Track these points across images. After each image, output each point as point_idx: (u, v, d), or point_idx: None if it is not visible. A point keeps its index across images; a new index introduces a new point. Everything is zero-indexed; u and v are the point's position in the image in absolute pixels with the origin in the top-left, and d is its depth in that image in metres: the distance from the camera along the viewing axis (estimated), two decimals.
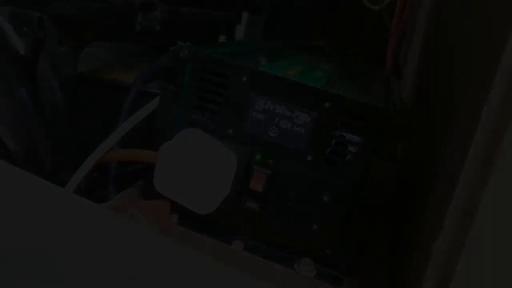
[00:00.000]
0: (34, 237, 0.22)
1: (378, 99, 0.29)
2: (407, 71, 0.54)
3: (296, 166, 0.28)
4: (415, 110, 0.40)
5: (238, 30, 0.60)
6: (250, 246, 0.31)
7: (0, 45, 0.36)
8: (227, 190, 0.29)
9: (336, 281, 0.30)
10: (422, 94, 0.42)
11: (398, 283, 0.30)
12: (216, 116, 0.29)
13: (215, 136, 0.29)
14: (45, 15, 0.37)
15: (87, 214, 0.25)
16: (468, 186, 0.21)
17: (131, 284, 0.21)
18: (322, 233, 0.29)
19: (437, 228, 0.22)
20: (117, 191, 0.35)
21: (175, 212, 0.32)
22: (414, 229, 0.30)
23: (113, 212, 0.30)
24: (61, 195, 0.27)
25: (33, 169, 0.27)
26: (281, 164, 0.29)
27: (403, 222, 0.34)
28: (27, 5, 0.37)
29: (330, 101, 0.27)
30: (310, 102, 0.27)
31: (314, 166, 0.28)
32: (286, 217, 0.29)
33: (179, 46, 0.29)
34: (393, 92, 0.36)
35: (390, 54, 0.54)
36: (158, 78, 0.36)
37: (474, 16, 0.28)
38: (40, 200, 0.25)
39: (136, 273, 0.22)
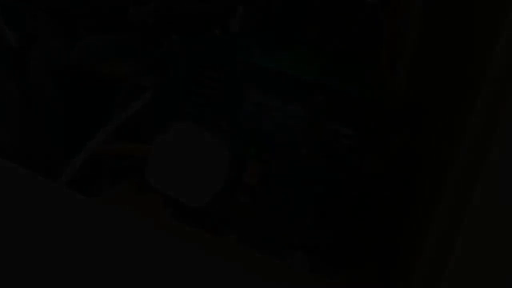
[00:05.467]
0: (26, 231, 0.22)
1: (373, 92, 0.29)
2: (402, 64, 0.54)
3: (290, 159, 0.28)
4: (409, 104, 0.40)
5: (233, 23, 0.59)
6: (244, 239, 0.31)
7: None
8: (220, 183, 0.28)
9: (330, 275, 0.30)
10: (417, 88, 0.42)
11: (391, 277, 0.30)
12: (209, 109, 0.29)
13: (208, 129, 0.29)
14: (38, 7, 0.36)
15: (80, 208, 0.25)
16: (458, 183, 0.21)
17: (126, 278, 0.21)
18: (316, 226, 0.29)
19: (428, 224, 0.22)
20: (110, 185, 0.35)
21: (168, 206, 0.32)
22: (406, 223, 0.30)
23: (106, 206, 0.30)
24: (53, 189, 0.27)
25: (25, 163, 0.27)
26: (275, 157, 0.29)
27: (397, 216, 0.35)
28: None
29: (324, 94, 0.27)
30: (304, 95, 0.27)
31: (308, 159, 0.28)
32: (280, 210, 0.29)
33: (172, 39, 0.29)
34: (388, 85, 0.36)
35: (385, 47, 0.54)
36: (151, 71, 0.36)
37: (468, 11, 0.28)
38: (32, 194, 0.25)
39: (130, 266, 0.22)
